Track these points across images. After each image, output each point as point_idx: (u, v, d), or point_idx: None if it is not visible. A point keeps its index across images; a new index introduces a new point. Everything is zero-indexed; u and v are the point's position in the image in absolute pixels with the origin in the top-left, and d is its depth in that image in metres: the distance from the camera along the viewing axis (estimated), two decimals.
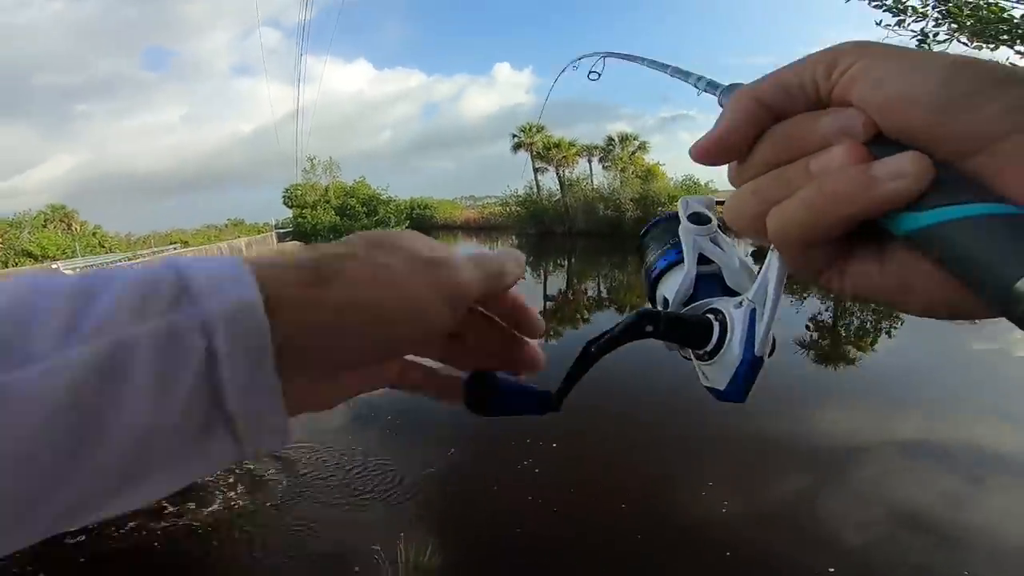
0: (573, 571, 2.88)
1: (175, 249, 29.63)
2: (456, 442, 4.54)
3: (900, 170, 0.18)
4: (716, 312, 0.32)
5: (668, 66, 0.47)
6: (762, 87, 0.22)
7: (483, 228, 39.13)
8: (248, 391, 0.21)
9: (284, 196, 36.18)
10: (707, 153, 0.23)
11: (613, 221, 24.83)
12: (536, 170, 30.97)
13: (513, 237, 30.04)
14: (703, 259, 0.36)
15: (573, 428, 4.23)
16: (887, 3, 3.86)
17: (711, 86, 0.38)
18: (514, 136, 31.29)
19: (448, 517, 3.48)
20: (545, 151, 29.95)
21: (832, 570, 2.72)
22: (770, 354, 0.31)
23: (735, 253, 0.35)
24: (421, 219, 46.99)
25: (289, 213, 36.57)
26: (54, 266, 20.39)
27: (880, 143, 0.19)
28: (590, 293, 13.40)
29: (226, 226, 50.19)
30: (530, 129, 30.59)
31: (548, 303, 12.29)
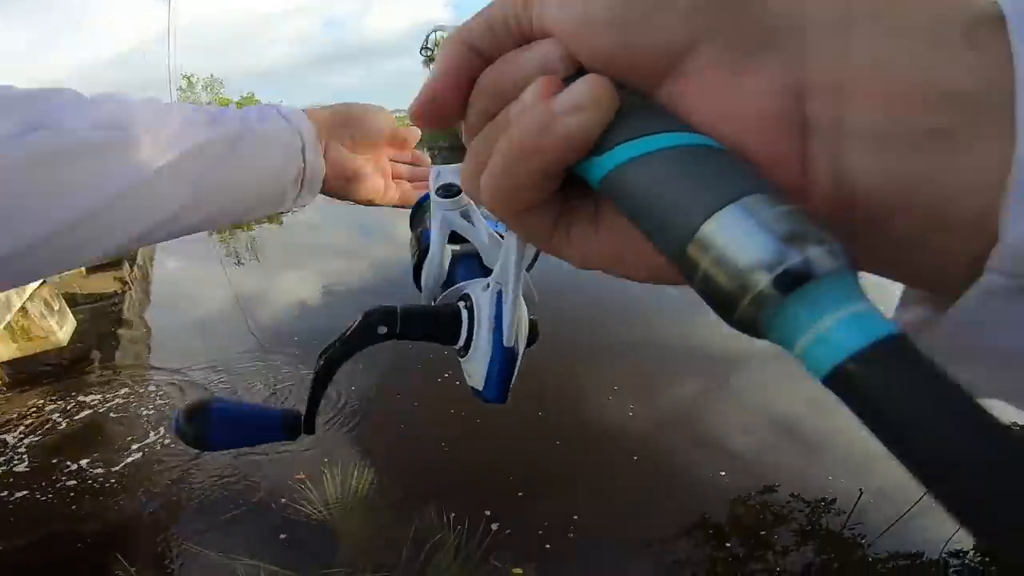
0: (499, 481, 3.05)
1: None
2: (371, 359, 4.53)
3: (577, 101, 0.15)
4: (467, 298, 0.29)
5: None
6: (469, 28, 0.19)
7: None
8: (315, 163, 0.52)
9: None
10: (423, 114, 0.19)
11: None
12: None
13: (425, 150, 29.19)
14: (459, 237, 0.32)
15: None
16: None
17: None
18: (427, 50, 29.73)
19: (370, 437, 3.53)
20: None
21: (723, 474, 3.04)
22: (531, 342, 0.29)
23: (485, 227, 0.31)
24: None
25: None
26: None
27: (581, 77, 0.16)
28: None
29: None
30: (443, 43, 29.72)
31: None
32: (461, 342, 0.28)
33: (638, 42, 0.15)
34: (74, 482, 3.46)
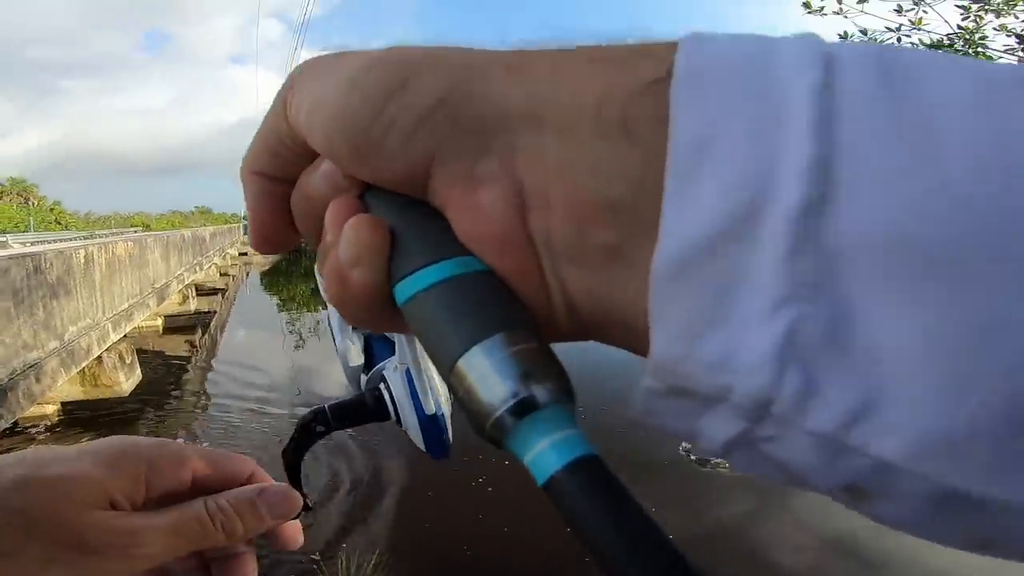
0: None
1: (135, 232, 28.74)
2: (406, 453, 4.47)
3: (352, 255, 0.15)
4: (384, 379, 0.31)
5: None
6: (254, 156, 0.18)
7: None
8: None
9: None
10: (259, 246, 0.19)
11: None
12: None
13: None
14: None
15: None
16: None
17: None
18: None
19: (395, 531, 3.41)
20: None
21: None
22: (457, 395, 0.31)
23: None
24: None
25: None
26: (2, 239, 19.51)
27: (373, 191, 0.16)
28: None
29: (192, 213, 48.99)
30: None
31: None
32: (393, 417, 0.31)
33: (381, 167, 0.15)
34: None
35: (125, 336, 6.33)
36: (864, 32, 3.62)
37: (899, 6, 3.47)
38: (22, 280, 3.98)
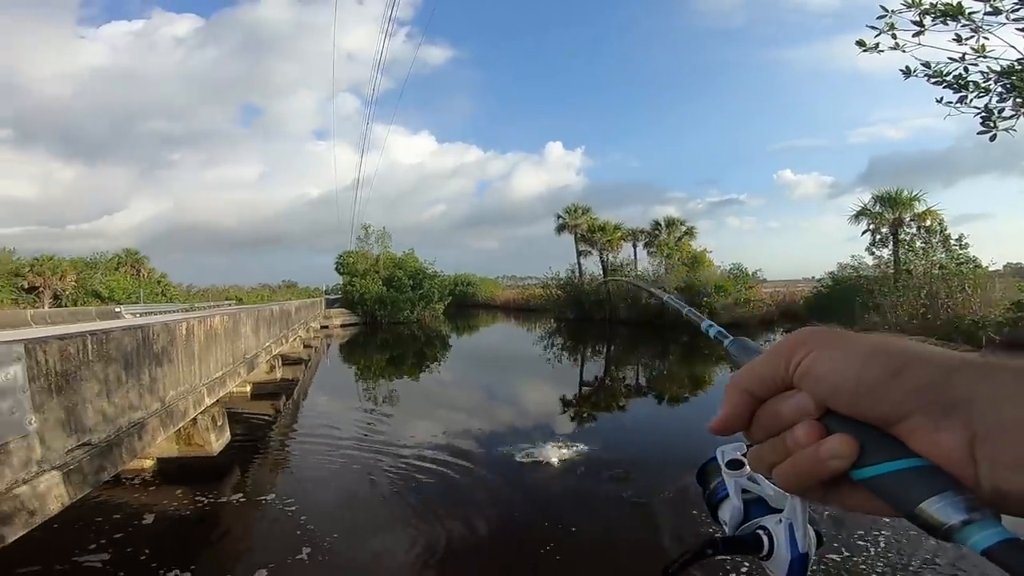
0: None
1: (230, 304, 30.82)
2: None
3: (834, 452, 0.27)
4: (764, 528, 0.43)
5: (684, 306, 0.57)
6: (746, 381, 0.31)
7: (523, 309, 38.85)
8: None
9: (337, 263, 37.32)
10: (719, 432, 0.32)
11: (655, 311, 23.84)
12: (579, 253, 29.84)
13: (552, 320, 29.45)
14: (747, 490, 0.47)
15: (528, 544, 3.98)
16: (947, 79, 3.38)
17: (720, 334, 0.49)
18: (559, 217, 30.10)
19: None
20: (590, 234, 29.01)
21: None
22: (818, 547, 0.43)
23: (768, 484, 0.45)
24: (463, 296, 47.03)
25: (340, 279, 37.65)
26: (116, 309, 21.50)
27: (831, 415, 0.29)
28: (628, 381, 12.99)
29: (279, 287, 52.36)
30: (576, 210, 29.53)
31: (584, 388, 12.13)
32: (764, 553, 0.42)
33: (869, 410, 0.27)
34: None
35: (218, 400, 6.72)
36: (927, 65, 3.40)
37: (957, 35, 3.29)
38: (133, 349, 4.37)
